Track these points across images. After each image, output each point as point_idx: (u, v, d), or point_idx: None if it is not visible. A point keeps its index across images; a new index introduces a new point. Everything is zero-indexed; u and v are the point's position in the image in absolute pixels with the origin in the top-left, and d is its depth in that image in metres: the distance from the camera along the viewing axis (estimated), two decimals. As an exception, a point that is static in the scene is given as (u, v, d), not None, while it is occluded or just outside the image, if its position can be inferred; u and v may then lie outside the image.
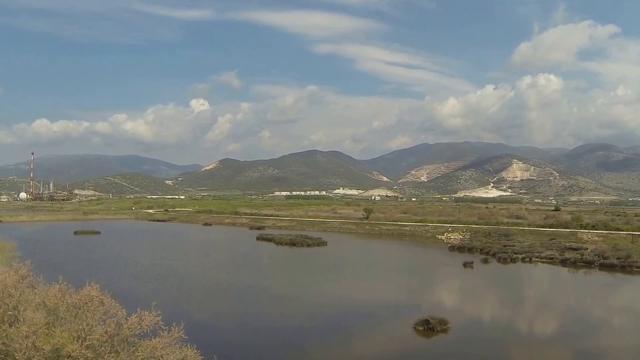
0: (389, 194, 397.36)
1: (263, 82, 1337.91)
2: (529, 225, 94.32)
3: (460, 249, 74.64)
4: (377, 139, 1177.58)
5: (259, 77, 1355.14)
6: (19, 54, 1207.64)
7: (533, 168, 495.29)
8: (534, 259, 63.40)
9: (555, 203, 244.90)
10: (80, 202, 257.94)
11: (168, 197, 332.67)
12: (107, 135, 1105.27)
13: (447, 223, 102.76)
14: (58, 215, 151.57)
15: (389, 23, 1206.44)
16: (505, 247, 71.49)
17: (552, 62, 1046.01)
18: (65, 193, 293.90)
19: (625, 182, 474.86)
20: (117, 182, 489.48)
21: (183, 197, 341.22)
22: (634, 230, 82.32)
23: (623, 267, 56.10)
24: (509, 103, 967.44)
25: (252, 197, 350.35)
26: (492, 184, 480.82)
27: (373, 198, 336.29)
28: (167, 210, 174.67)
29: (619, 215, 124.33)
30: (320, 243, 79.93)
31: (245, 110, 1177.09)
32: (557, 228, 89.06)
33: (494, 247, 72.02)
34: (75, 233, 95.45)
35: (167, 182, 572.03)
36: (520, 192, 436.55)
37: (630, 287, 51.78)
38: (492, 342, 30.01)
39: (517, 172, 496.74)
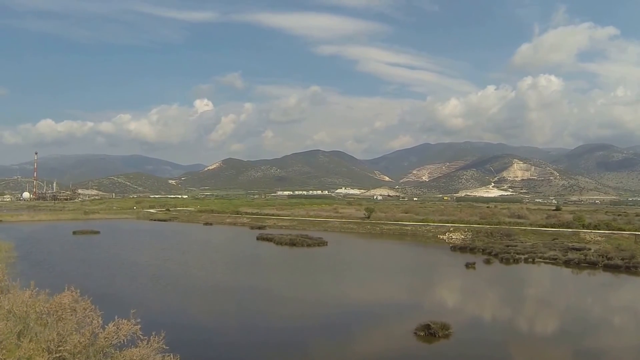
0: (391, 194, 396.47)
1: (266, 82, 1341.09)
2: (531, 225, 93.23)
3: (462, 249, 73.77)
4: (379, 139, 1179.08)
5: (262, 77, 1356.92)
6: (25, 55, 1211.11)
7: (534, 168, 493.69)
8: (537, 260, 62.47)
9: (556, 203, 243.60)
10: (83, 201, 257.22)
11: (170, 196, 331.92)
12: (111, 136, 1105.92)
13: (448, 223, 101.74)
14: (59, 215, 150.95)
15: (391, 25, 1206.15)
16: (508, 247, 70.55)
17: (552, 63, 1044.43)
18: (69, 193, 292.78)
19: (625, 182, 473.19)
20: (120, 181, 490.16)
21: (186, 196, 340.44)
22: (636, 230, 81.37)
23: (628, 267, 55.09)
24: (510, 103, 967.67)
25: (254, 196, 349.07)
26: (493, 184, 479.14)
27: (375, 197, 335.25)
28: (168, 210, 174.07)
29: (620, 215, 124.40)
30: (321, 243, 79.16)
31: (249, 111, 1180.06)
32: (559, 228, 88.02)
33: (496, 247, 71.16)
34: (74, 233, 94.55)
35: (170, 181, 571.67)
36: (521, 191, 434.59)
37: (636, 288, 50.83)
38: (495, 345, 29.19)
39: (517, 172, 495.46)
